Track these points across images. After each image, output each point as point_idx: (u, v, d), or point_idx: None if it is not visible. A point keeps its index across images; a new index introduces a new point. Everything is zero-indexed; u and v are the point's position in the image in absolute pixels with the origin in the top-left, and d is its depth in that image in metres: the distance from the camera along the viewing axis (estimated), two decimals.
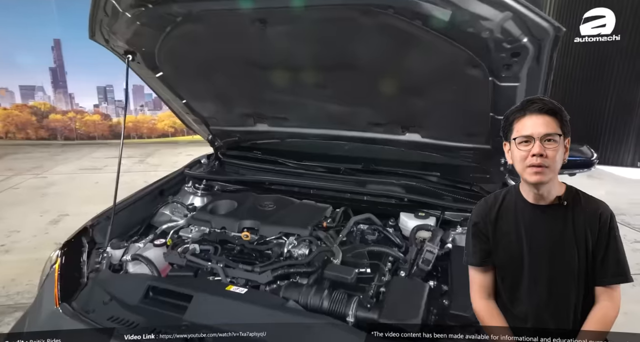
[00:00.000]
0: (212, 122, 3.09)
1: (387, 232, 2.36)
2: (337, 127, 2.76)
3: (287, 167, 3.06)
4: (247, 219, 2.43)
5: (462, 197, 2.62)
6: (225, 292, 1.90)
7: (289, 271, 2.04)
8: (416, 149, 2.71)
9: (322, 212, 2.50)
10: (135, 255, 2.27)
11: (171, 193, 3.02)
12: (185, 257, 2.21)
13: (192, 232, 2.48)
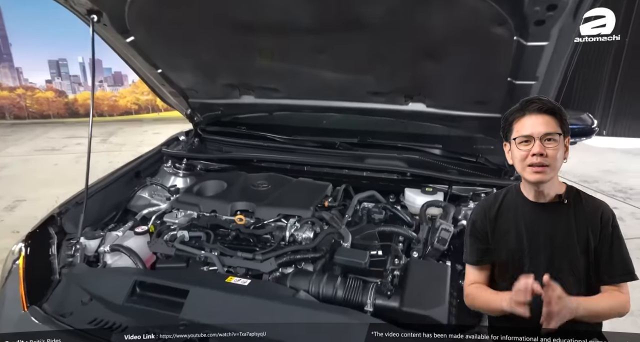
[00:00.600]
0: (191, 94, 2.78)
1: (396, 210, 2.18)
2: (332, 98, 2.52)
3: (276, 143, 2.81)
4: (240, 201, 2.19)
5: (468, 170, 2.47)
6: (226, 285, 1.67)
7: (295, 257, 1.83)
8: (418, 119, 2.52)
9: (323, 191, 2.28)
10: (114, 245, 2.00)
11: (148, 174, 2.72)
12: (173, 246, 1.96)
13: (178, 218, 2.21)
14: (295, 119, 2.93)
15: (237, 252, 1.87)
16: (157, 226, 2.25)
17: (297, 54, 2.18)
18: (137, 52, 2.37)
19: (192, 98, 2.82)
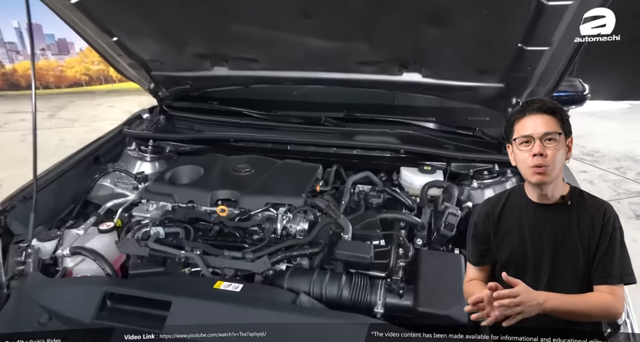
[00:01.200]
0: (154, 66, 2.43)
1: (396, 192, 1.98)
2: (317, 69, 2.25)
3: (254, 120, 2.53)
4: (222, 189, 1.93)
5: (465, 144, 2.30)
6: (215, 293, 1.44)
7: (291, 254, 1.62)
8: (411, 91, 2.30)
9: (313, 174, 2.04)
10: (75, 248, 1.71)
11: (109, 159, 2.39)
12: (147, 246, 1.69)
13: (150, 211, 1.93)
14: (274, 92, 2.65)
15: (224, 251, 1.63)
16: (124, 221, 1.97)
17: (279, 18, 1.89)
18: (84, 15, 2.00)
19: (156, 71, 2.46)
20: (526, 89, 2.05)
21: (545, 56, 1.79)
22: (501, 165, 2.11)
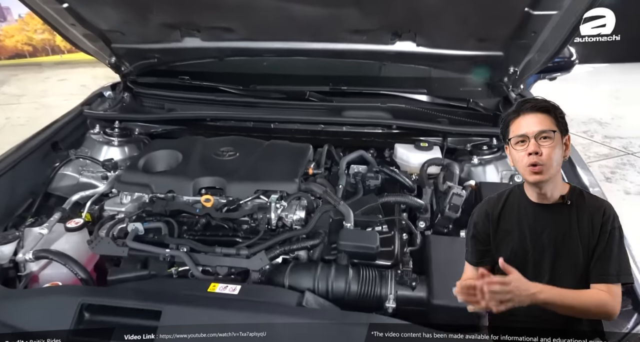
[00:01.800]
0: (115, 38, 2.14)
1: (395, 173, 1.85)
2: (300, 39, 2.05)
3: (231, 96, 2.31)
4: (205, 176, 1.74)
5: (460, 118, 2.18)
6: (211, 297, 1.29)
7: (291, 248, 1.47)
8: (404, 61, 2.15)
9: (304, 155, 1.88)
10: (39, 251, 1.50)
11: (70, 145, 2.13)
12: (125, 245, 1.50)
13: (124, 203, 1.72)
14: (252, 65, 2.42)
15: (215, 248, 1.46)
16: (94, 215, 1.76)
17: None
18: None
19: (117, 43, 2.18)
20: (525, 57, 1.94)
21: (552, 21, 1.67)
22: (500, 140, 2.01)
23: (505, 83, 2.13)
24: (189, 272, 1.46)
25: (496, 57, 1.97)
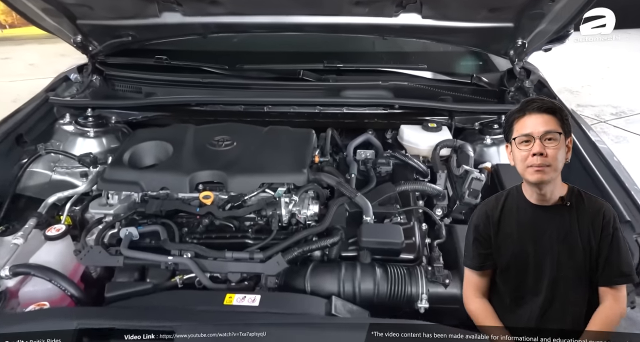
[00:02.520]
0: (81, 13, 1.88)
1: (408, 157, 1.72)
2: (295, 12, 1.85)
3: (216, 77, 2.10)
4: (202, 169, 1.55)
5: (465, 94, 2.07)
6: (229, 311, 1.15)
7: (310, 248, 1.33)
8: (406, 35, 2.00)
9: (309, 141, 1.71)
10: (17, 266, 1.30)
11: (37, 138, 1.89)
12: (119, 253, 1.32)
13: (111, 204, 1.52)
14: (236, 43, 2.21)
15: (225, 252, 1.31)
16: (75, 218, 1.56)
17: None
18: None
19: (84, 19, 1.91)
20: (536, 28, 1.83)
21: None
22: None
23: (510, 56, 2.02)
24: (196, 281, 1.31)
25: (505, 28, 1.84)
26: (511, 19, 1.79)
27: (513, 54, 2.00)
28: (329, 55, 2.18)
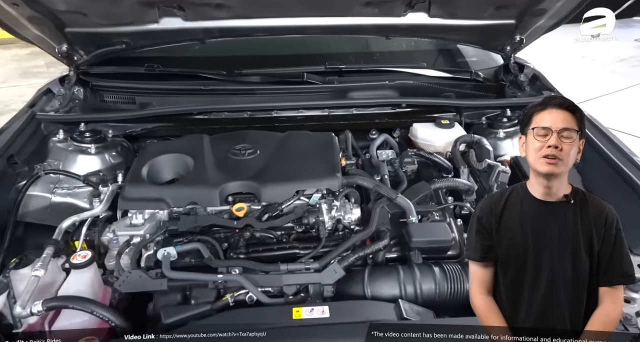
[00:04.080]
0: (72, 20, 1.73)
1: (433, 155, 1.74)
2: (303, 14, 1.81)
3: (216, 83, 2.02)
4: (231, 181, 1.48)
5: (467, 90, 2.12)
6: (303, 326, 1.10)
7: (365, 252, 1.31)
8: (411, 35, 2.02)
9: (334, 145, 1.68)
10: (50, 300, 1.18)
11: (29, 159, 1.72)
12: (161, 276, 1.24)
13: (136, 225, 1.41)
14: (233, 47, 2.14)
15: (279, 264, 1.25)
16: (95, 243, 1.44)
17: None
18: None
19: (74, 26, 1.77)
20: (535, 24, 1.91)
21: None
22: (513, 109, 1.98)
23: (506, 52, 2.09)
24: (247, 297, 1.24)
25: (507, 25, 1.91)
26: (514, 16, 1.85)
27: (509, 49, 2.08)
28: (327, 57, 2.15)
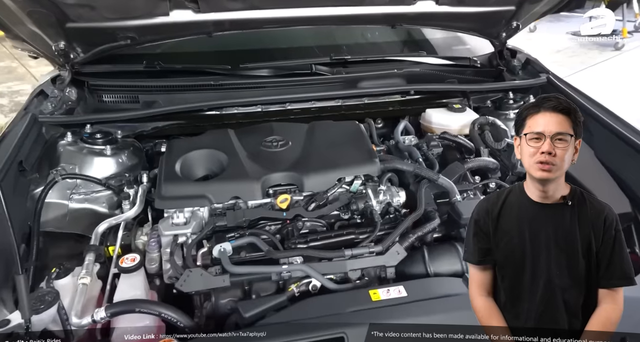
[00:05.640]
0: (77, 15, 1.61)
1: (458, 137, 1.79)
2: (319, 3, 1.80)
3: (229, 78, 1.97)
4: (272, 173, 1.45)
5: (468, 76, 2.20)
6: (388, 307, 1.11)
7: (423, 232, 1.33)
8: (420, 23, 2.07)
9: (362, 132, 1.69)
10: (112, 306, 1.11)
11: (37, 164, 1.60)
12: (222, 272, 1.20)
13: (178, 224, 1.35)
14: (236, 41, 2.09)
15: (343, 250, 1.25)
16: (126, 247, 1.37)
17: None
18: None
19: (78, 21, 1.65)
20: (532, 10, 2.01)
21: None
22: (515, 91, 2.08)
23: (501, 39, 2.19)
24: (310, 286, 1.23)
25: (507, 12, 1.99)
26: (515, 3, 1.94)
27: (505, 36, 2.17)
28: (326, 49, 2.16)
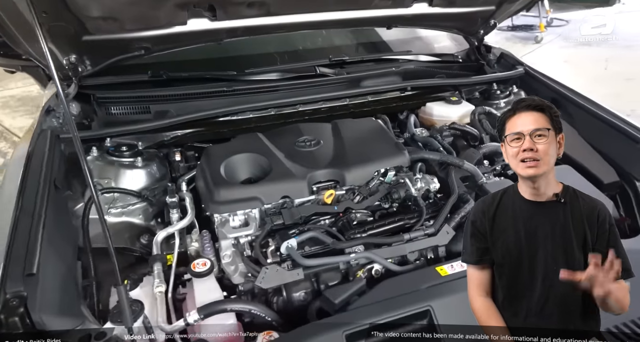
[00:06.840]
0: (97, 27, 1.59)
1: (465, 127, 1.95)
2: (330, 8, 1.89)
3: (242, 83, 2.02)
4: (315, 170, 1.54)
5: (454, 71, 2.39)
6: (458, 279, 1.23)
7: (466, 212, 1.48)
8: (415, 24, 2.22)
9: (383, 128, 1.82)
10: (205, 308, 1.16)
11: (68, 180, 1.57)
12: (295, 266, 1.28)
13: (238, 226, 1.40)
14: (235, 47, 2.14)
15: (402, 235, 1.37)
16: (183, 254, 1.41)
17: None
18: None
19: (96, 33, 1.62)
20: (508, 9, 2.22)
21: None
22: (499, 83, 2.29)
23: (479, 36, 2.40)
24: (373, 271, 1.34)
25: (488, 11, 2.19)
26: (495, 3, 2.14)
27: (482, 33, 2.39)
28: (320, 51, 2.27)
